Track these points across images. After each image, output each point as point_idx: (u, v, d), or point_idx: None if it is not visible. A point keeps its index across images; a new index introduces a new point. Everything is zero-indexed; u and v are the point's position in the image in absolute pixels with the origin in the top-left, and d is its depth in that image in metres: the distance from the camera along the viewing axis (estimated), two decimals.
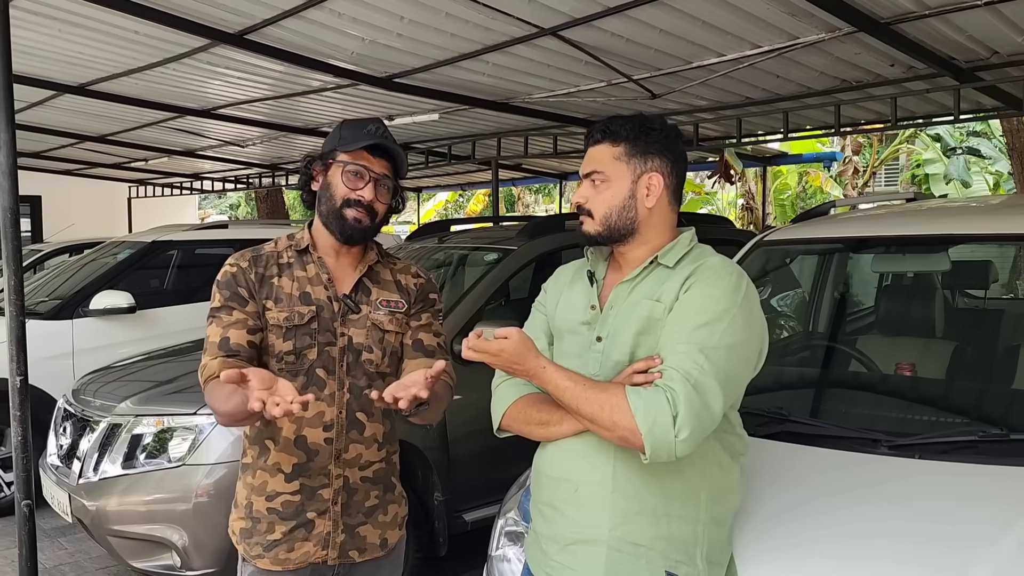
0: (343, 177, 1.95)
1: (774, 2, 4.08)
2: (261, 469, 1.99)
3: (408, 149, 9.59)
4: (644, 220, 1.81)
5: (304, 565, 1.98)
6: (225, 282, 1.97)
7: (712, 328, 1.67)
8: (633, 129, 1.81)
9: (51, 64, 6.16)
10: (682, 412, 1.59)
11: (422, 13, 4.51)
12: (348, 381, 1.98)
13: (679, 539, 1.75)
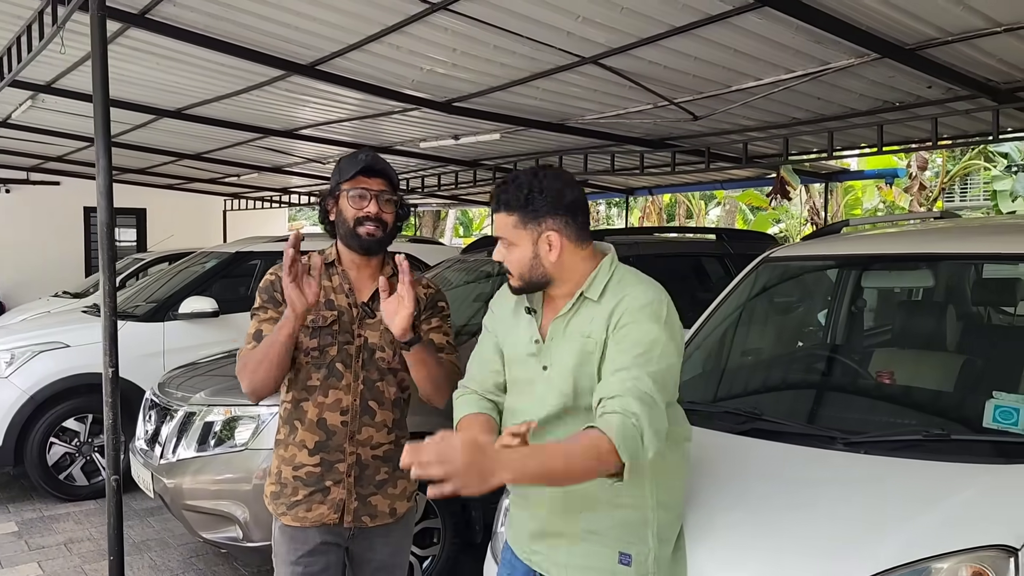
0: (349, 202, 2.27)
1: (799, 32, 4.30)
2: (292, 445, 2.35)
3: (477, 166, 10.05)
4: (554, 271, 1.98)
5: (318, 524, 2.32)
6: (264, 288, 2.35)
7: (650, 355, 1.87)
8: (519, 199, 1.95)
9: (152, 92, 6.84)
10: (646, 432, 1.78)
11: (472, 46, 4.92)
12: (363, 374, 2.32)
13: (631, 523, 1.98)
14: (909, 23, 4.14)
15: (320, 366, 2.30)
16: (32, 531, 5.22)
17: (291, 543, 2.34)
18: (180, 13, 4.79)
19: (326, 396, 2.29)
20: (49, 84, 6.85)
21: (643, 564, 1.98)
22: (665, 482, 2.01)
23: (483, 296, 5.11)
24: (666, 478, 2.02)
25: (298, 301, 2.12)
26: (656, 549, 1.99)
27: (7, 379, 5.67)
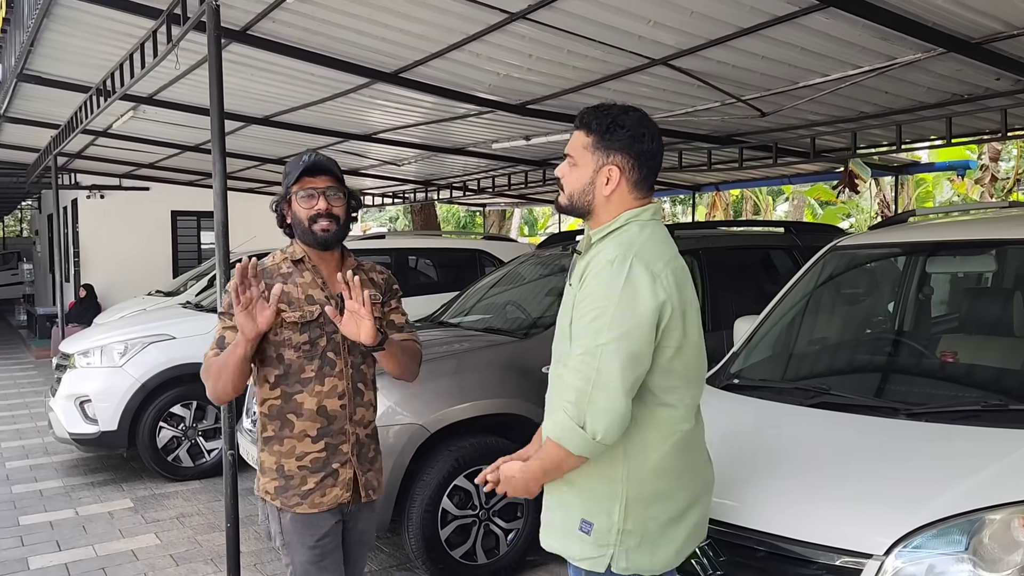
0: (299, 203, 2.39)
1: (865, 30, 4.45)
2: (289, 438, 2.40)
3: (545, 165, 10.32)
4: (600, 204, 2.02)
5: (335, 506, 2.43)
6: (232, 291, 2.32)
7: (598, 324, 1.87)
8: (602, 124, 2.01)
9: (243, 100, 7.31)
10: (589, 422, 1.86)
11: (546, 51, 5.20)
12: (351, 359, 2.44)
13: (599, 494, 1.99)
14: (974, 18, 4.25)
15: (313, 358, 2.39)
16: (146, 507, 5.70)
17: (306, 529, 2.40)
18: (278, 28, 5.20)
19: (323, 384, 2.39)
20: (151, 96, 7.37)
21: (603, 535, 1.98)
22: (641, 458, 1.99)
23: (556, 290, 5.37)
24: (643, 454, 1.99)
25: (248, 328, 2.19)
26: (621, 524, 1.97)
27: (121, 368, 6.19)
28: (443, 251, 8.40)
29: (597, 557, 1.99)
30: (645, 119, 2.05)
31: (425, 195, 14.01)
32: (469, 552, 4.22)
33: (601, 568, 1.99)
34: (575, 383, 1.89)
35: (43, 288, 19.89)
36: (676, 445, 2.02)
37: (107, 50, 6.04)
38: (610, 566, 1.98)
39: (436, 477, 4.10)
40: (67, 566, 4.65)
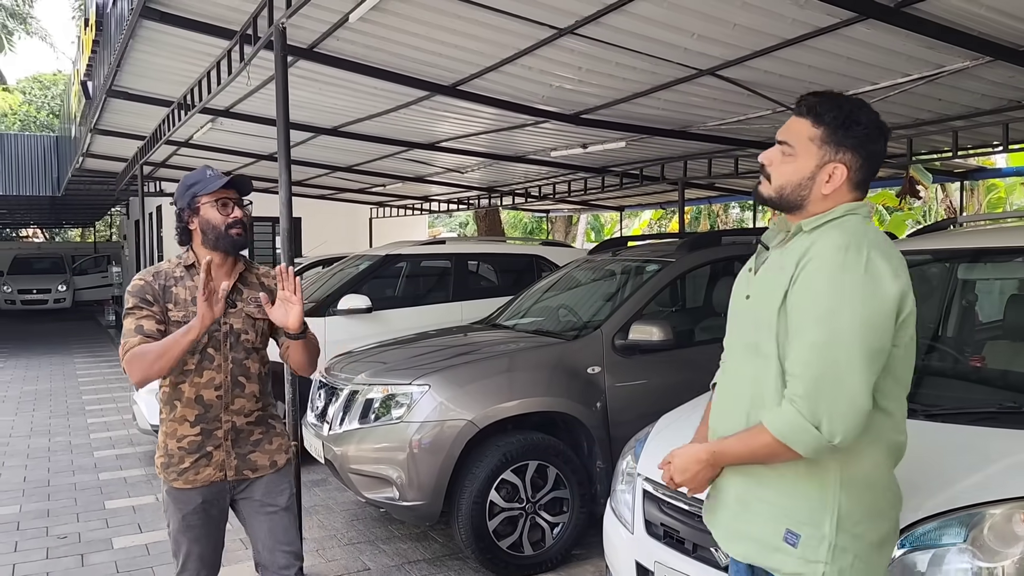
0: (216, 210, 2.65)
1: (908, 39, 4.50)
2: (171, 421, 2.71)
3: (605, 172, 10.47)
4: (815, 201, 1.86)
5: (207, 483, 2.70)
6: (135, 291, 2.65)
7: (832, 319, 1.70)
8: (838, 117, 1.83)
9: (313, 113, 7.69)
10: (826, 423, 1.70)
11: (596, 64, 5.39)
12: (231, 355, 2.69)
13: (807, 501, 1.81)
14: (1018, 26, 4.27)
15: (194, 352, 2.64)
16: None
17: (177, 503, 2.70)
18: (342, 46, 5.51)
19: (201, 376, 2.65)
20: (227, 109, 7.82)
21: (813, 550, 1.79)
22: (857, 466, 1.81)
23: (607, 296, 5.54)
24: (858, 462, 1.81)
25: (208, 315, 2.48)
26: (834, 538, 1.79)
27: None
28: (502, 256, 8.62)
29: (802, 574, 1.80)
30: (879, 117, 1.88)
31: (489, 201, 14.30)
32: (516, 543, 4.42)
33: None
34: (807, 377, 1.72)
35: None
36: (889, 456, 1.86)
37: (186, 67, 6.47)
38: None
39: (484, 471, 4.32)
40: (147, 546, 5.03)
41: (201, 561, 2.80)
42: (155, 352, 2.52)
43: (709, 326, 5.49)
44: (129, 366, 2.55)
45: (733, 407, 1.95)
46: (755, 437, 1.82)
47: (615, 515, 3.15)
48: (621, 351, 4.76)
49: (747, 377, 1.91)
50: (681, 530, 2.73)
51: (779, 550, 1.83)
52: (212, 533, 2.80)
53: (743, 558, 1.92)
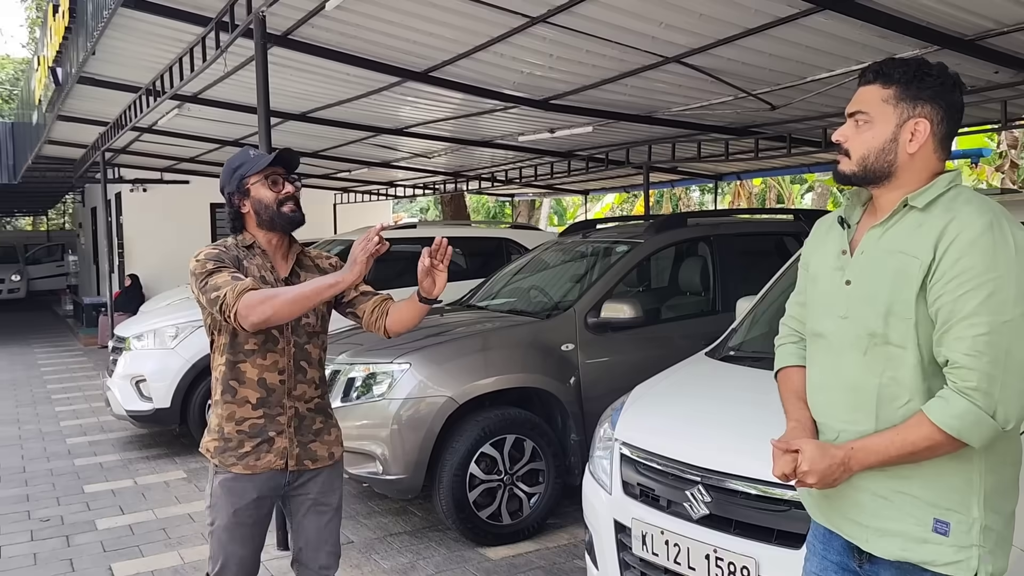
0: (267, 188, 2.56)
1: (862, 29, 4.74)
2: (229, 403, 2.57)
3: (571, 157, 10.66)
4: (903, 165, 1.77)
5: (267, 470, 2.58)
6: (212, 256, 2.52)
7: (1000, 298, 1.64)
8: (907, 73, 1.77)
9: (282, 99, 7.73)
10: (1002, 408, 1.64)
11: (566, 51, 5.56)
12: (294, 339, 2.59)
13: (951, 485, 1.73)
14: (966, 17, 4.53)
15: (258, 332, 2.52)
16: (199, 477, 6.18)
17: (231, 496, 2.56)
18: (317, 33, 5.61)
19: (264, 358, 2.55)
20: (195, 95, 7.83)
21: (965, 535, 1.72)
22: (1001, 439, 1.72)
23: (577, 276, 5.74)
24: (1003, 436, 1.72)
25: (359, 272, 2.34)
26: (983, 520, 1.72)
27: (173, 350, 6.68)
28: (472, 240, 8.77)
29: (960, 561, 1.72)
30: (951, 71, 1.82)
31: (455, 186, 14.41)
32: (495, 514, 4.61)
33: (966, 572, 1.72)
34: (980, 367, 1.65)
35: (87, 279, 20.65)
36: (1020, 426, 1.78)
37: (158, 54, 6.49)
38: (977, 572, 1.72)
39: (464, 445, 4.50)
40: (131, 527, 5.12)
41: (241, 566, 2.65)
42: (295, 293, 2.37)
43: (675, 304, 5.73)
44: (252, 308, 2.34)
45: (853, 402, 1.83)
46: (912, 433, 1.70)
47: (594, 478, 3.34)
48: (593, 329, 4.96)
49: (868, 370, 1.80)
50: (656, 489, 2.93)
51: (929, 541, 1.74)
52: (258, 535, 2.68)
53: (890, 556, 1.79)
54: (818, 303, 1.96)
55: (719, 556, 2.66)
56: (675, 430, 3.10)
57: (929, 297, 1.71)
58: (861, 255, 1.84)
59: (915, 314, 1.72)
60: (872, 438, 1.76)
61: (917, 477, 1.75)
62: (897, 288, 1.74)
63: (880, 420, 1.78)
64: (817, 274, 1.97)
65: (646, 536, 2.90)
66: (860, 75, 1.87)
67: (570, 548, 4.54)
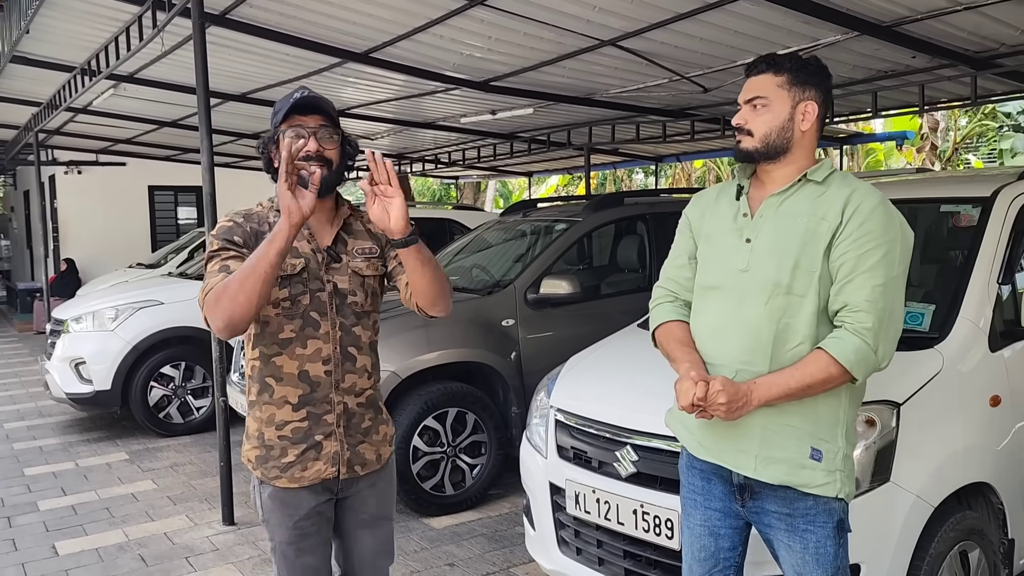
0: (287, 142, 2.06)
1: (787, 15, 4.96)
2: (267, 404, 2.18)
3: (513, 138, 10.77)
4: (797, 141, 2.05)
5: (317, 481, 2.19)
6: (220, 232, 2.14)
7: (891, 259, 1.96)
8: (795, 63, 2.06)
9: (221, 79, 7.65)
10: (882, 347, 1.96)
11: (504, 33, 5.67)
12: (339, 320, 2.19)
13: (825, 421, 2.04)
14: (882, 4, 4.77)
15: (293, 316, 2.15)
16: (141, 458, 6.18)
17: (285, 508, 2.20)
18: (255, 13, 5.61)
19: (304, 347, 2.15)
20: (132, 75, 7.72)
21: (832, 461, 2.04)
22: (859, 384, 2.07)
23: (518, 254, 5.87)
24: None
25: (295, 209, 1.90)
26: (844, 449, 2.06)
27: (113, 332, 6.63)
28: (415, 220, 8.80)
29: (828, 483, 2.04)
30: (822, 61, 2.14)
31: (399, 168, 14.40)
32: (438, 485, 4.75)
33: (833, 493, 2.03)
34: (874, 312, 1.94)
35: (20, 264, 20.08)
36: None
37: (92, 32, 6.40)
38: (839, 493, 2.04)
39: (407, 418, 4.61)
40: (73, 507, 5.13)
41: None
42: (236, 280, 1.95)
43: (613, 281, 5.92)
44: (211, 311, 1.99)
45: (751, 345, 2.05)
46: (811, 367, 1.97)
47: (531, 445, 3.50)
48: (533, 304, 5.11)
49: (769, 316, 2.03)
50: (588, 451, 3.10)
51: (806, 467, 2.03)
52: (326, 539, 2.31)
53: (775, 480, 2.04)
54: (712, 260, 2.19)
55: (645, 511, 2.84)
56: (606, 396, 3.26)
57: (834, 253, 2.00)
58: (761, 218, 2.10)
59: (820, 267, 2.00)
60: (773, 375, 2.01)
61: (798, 413, 2.04)
62: (807, 244, 2.01)
63: (774, 361, 2.03)
64: (711, 235, 2.21)
65: (579, 496, 3.07)
66: (750, 67, 2.13)
67: (511, 516, 4.71)
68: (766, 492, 2.10)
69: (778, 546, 2.14)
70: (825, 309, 2.03)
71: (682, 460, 2.36)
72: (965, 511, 2.72)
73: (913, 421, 2.62)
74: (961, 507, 2.72)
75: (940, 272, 3.61)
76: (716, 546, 2.24)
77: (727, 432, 2.11)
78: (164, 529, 4.69)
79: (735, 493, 2.16)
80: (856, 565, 2.45)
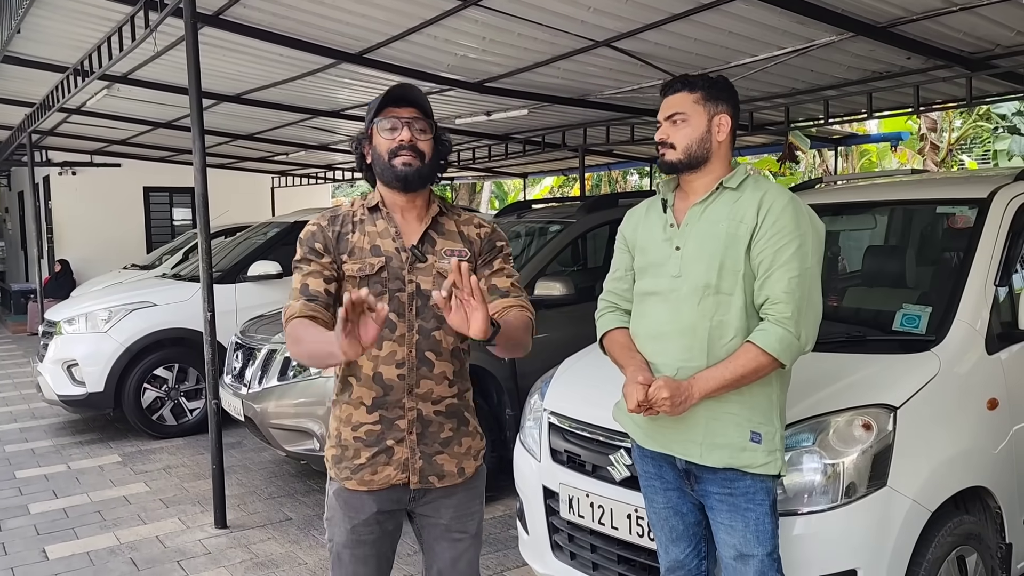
0: (381, 135, 2.11)
1: (782, 16, 4.94)
2: (346, 403, 2.17)
3: (508, 139, 10.75)
4: (715, 152, 2.24)
5: (386, 486, 2.15)
6: (305, 239, 2.17)
7: (804, 251, 2.14)
8: (706, 81, 2.27)
9: (216, 80, 7.64)
10: (804, 333, 2.15)
11: (498, 34, 5.64)
12: (417, 323, 2.12)
13: (760, 405, 2.24)
14: (877, 4, 4.75)
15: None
16: (134, 461, 6.14)
17: (348, 508, 2.19)
18: (248, 13, 5.57)
19: (380, 348, 2.11)
20: (125, 75, 7.68)
21: (770, 442, 2.23)
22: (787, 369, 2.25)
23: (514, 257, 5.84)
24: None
25: (351, 351, 1.78)
26: (779, 430, 2.26)
27: (106, 333, 6.59)
28: None
29: (769, 462, 2.22)
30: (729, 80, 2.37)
31: None
32: None
33: (775, 471, 2.22)
34: (792, 302, 2.13)
35: (15, 265, 20.00)
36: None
37: (84, 32, 6.36)
38: (780, 471, 2.24)
39: None
40: (65, 510, 5.09)
41: None
42: (304, 347, 2.01)
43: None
44: (290, 346, 2.07)
45: (688, 343, 2.24)
46: (742, 359, 2.16)
47: (524, 448, 3.47)
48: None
49: (702, 315, 2.23)
50: (582, 454, 3.07)
51: (747, 449, 2.22)
52: (384, 554, 2.27)
53: (720, 463, 2.23)
54: (648, 269, 2.38)
55: (640, 516, 2.81)
56: (599, 399, 3.22)
57: (753, 251, 2.19)
58: (687, 227, 2.30)
59: (743, 266, 2.20)
60: (710, 369, 2.21)
61: (736, 400, 2.23)
62: (729, 247, 2.20)
63: (711, 356, 2.22)
64: (646, 246, 2.40)
65: (573, 500, 3.04)
66: (665, 88, 2.33)
67: (505, 519, 4.68)
68: (706, 475, 2.29)
69: (718, 528, 2.31)
70: (752, 304, 2.22)
71: (634, 451, 2.55)
72: (962, 515, 2.70)
73: (910, 425, 2.59)
74: (958, 511, 2.70)
75: (936, 274, 3.60)
76: (684, 523, 2.43)
77: (674, 424, 2.28)
78: (156, 532, 4.66)
79: (683, 477, 2.37)
80: (852, 570, 2.44)
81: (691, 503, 2.40)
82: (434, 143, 2.16)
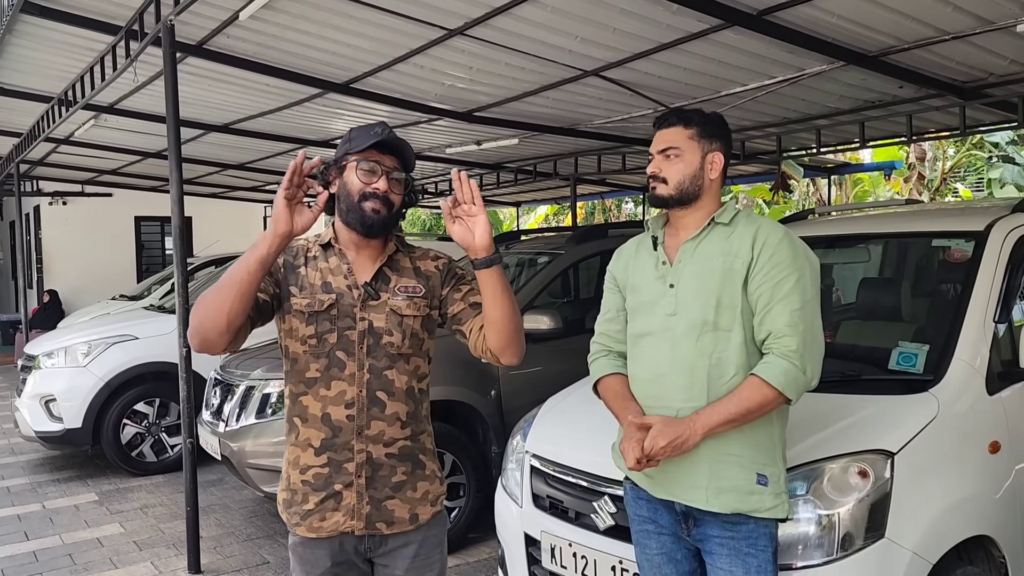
0: (357, 174, 2.01)
1: (771, 45, 4.87)
2: (294, 444, 2.09)
3: (500, 168, 10.68)
4: (707, 188, 2.20)
5: (335, 533, 2.05)
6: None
7: (803, 284, 2.09)
8: (701, 117, 2.24)
9: (202, 109, 7.58)
10: (809, 367, 2.08)
11: (486, 64, 5.57)
12: (368, 362, 2.04)
13: (764, 446, 2.16)
14: (868, 34, 4.68)
15: (319, 355, 2.05)
16: (111, 499, 5.96)
17: (303, 564, 2.10)
18: (233, 43, 5.50)
19: (328, 388, 2.04)
20: (112, 105, 7.61)
21: (776, 483, 2.15)
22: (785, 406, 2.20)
23: None
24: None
25: (283, 220, 1.85)
26: (784, 470, 2.19)
27: (85, 368, 6.44)
28: None
29: (776, 506, 2.13)
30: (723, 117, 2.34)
31: None
32: None
33: (782, 515, 2.14)
34: (796, 335, 2.06)
35: (6, 295, 19.83)
36: None
37: (68, 63, 6.29)
38: (787, 514, 2.15)
39: None
40: (35, 553, 4.90)
41: None
42: (215, 285, 1.91)
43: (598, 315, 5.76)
44: (191, 319, 1.95)
45: (688, 382, 2.16)
46: (747, 393, 2.08)
47: (505, 491, 3.33)
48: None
49: (700, 353, 2.15)
50: (564, 500, 2.93)
51: (754, 492, 2.12)
52: None
53: (727, 509, 2.12)
54: (641, 309, 2.31)
55: (624, 568, 2.67)
56: (582, 441, 3.10)
57: (750, 286, 2.14)
58: (680, 264, 2.23)
59: (741, 301, 2.14)
60: (712, 404, 2.12)
61: (739, 440, 2.13)
62: (725, 282, 2.14)
63: (711, 394, 2.14)
64: (638, 286, 2.32)
65: (555, 549, 2.90)
66: (659, 120, 2.27)
67: (490, 562, 4.51)
68: (707, 517, 2.18)
69: (715, 573, 2.19)
70: (752, 339, 2.15)
71: (627, 494, 2.41)
72: (966, 567, 2.56)
73: (908, 471, 2.46)
74: (962, 562, 2.56)
75: (933, 309, 3.48)
76: (677, 571, 2.30)
77: (676, 468, 2.18)
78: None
79: (680, 521, 2.25)
80: None
81: (686, 549, 2.28)
82: (404, 193, 2.10)
